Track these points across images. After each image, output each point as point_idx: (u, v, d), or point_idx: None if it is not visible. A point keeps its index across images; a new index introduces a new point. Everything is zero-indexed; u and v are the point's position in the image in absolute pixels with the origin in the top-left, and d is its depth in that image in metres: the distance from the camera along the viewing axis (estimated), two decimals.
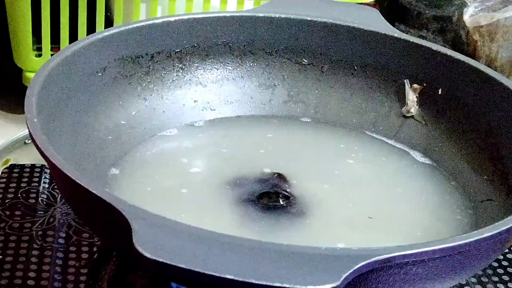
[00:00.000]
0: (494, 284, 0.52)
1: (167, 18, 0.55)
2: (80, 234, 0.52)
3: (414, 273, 0.36)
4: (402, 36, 0.58)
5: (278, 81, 0.60)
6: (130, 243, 0.32)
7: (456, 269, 0.39)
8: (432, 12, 0.77)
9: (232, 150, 0.54)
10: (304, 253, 0.34)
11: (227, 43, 0.58)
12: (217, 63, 0.58)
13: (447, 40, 0.77)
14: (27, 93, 0.44)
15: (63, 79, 0.48)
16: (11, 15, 0.65)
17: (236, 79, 0.59)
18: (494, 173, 0.51)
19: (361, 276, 0.34)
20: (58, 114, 0.47)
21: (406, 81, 0.57)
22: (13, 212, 0.54)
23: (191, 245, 0.33)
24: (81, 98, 0.50)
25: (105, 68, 0.52)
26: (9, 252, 0.50)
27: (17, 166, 0.59)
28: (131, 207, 0.35)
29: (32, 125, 0.41)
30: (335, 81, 0.59)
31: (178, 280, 0.35)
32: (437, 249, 0.36)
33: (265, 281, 0.31)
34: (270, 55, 0.59)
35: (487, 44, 0.74)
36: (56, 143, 0.42)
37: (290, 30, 0.58)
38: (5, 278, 0.48)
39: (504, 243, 0.41)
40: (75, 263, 0.50)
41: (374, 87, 0.59)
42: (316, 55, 0.59)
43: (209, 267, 0.31)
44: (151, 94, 0.56)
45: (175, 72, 0.57)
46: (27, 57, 0.66)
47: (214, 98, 0.58)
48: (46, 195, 0.56)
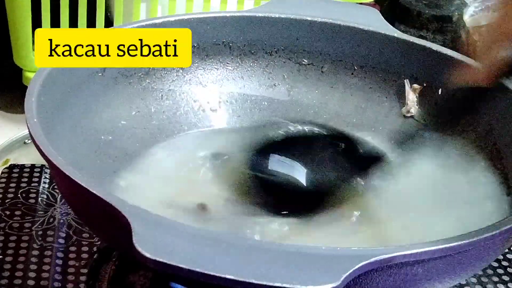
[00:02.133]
0: (494, 284, 0.52)
1: (167, 18, 0.55)
2: (80, 234, 0.52)
3: (414, 273, 0.36)
4: (402, 36, 0.58)
5: (278, 81, 0.60)
6: (130, 243, 0.32)
7: (456, 269, 0.39)
8: (432, 12, 0.77)
9: (232, 150, 0.54)
10: (304, 253, 0.34)
11: (227, 43, 0.58)
12: (217, 63, 0.58)
13: (447, 40, 0.77)
14: (27, 93, 0.44)
15: (63, 79, 0.48)
16: (11, 15, 0.65)
17: (236, 79, 0.59)
18: (494, 173, 0.51)
19: (361, 276, 0.34)
20: (58, 114, 0.47)
21: (406, 81, 0.57)
22: (13, 212, 0.54)
23: (191, 245, 0.33)
24: (81, 98, 0.50)
25: (105, 68, 0.52)
26: (9, 252, 0.50)
27: (17, 166, 0.59)
28: (131, 207, 0.35)
29: (32, 125, 0.41)
30: (335, 81, 0.59)
31: (178, 280, 0.35)
32: (437, 249, 0.36)
33: (265, 281, 0.31)
34: (270, 55, 0.59)
35: None
36: (56, 143, 0.42)
37: (290, 30, 0.58)
38: (5, 278, 0.48)
39: (504, 243, 0.41)
40: (75, 263, 0.50)
41: (374, 87, 0.59)
42: (316, 55, 0.59)
43: (209, 267, 0.32)
44: (151, 94, 0.56)
45: (175, 72, 0.57)
46: (27, 57, 0.66)
47: (214, 98, 0.58)
48: (46, 195, 0.56)
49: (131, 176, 0.51)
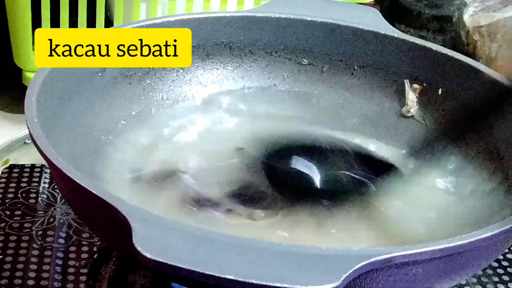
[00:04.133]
0: (494, 284, 0.52)
1: (167, 18, 0.55)
2: (80, 234, 0.52)
3: (414, 273, 0.36)
4: (402, 36, 0.58)
5: (278, 81, 0.60)
6: (130, 243, 0.32)
7: (456, 269, 0.39)
8: (432, 12, 0.77)
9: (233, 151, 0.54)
10: (304, 253, 0.34)
11: (227, 43, 0.58)
12: (217, 63, 0.58)
13: (447, 40, 0.77)
14: (27, 93, 0.44)
15: (63, 79, 0.48)
16: (11, 15, 0.65)
17: (236, 79, 0.59)
18: (494, 172, 0.51)
19: (361, 276, 0.34)
20: (58, 114, 0.47)
21: (406, 81, 0.57)
22: (13, 212, 0.54)
23: (191, 245, 0.33)
24: (81, 98, 0.50)
25: (105, 68, 0.52)
26: (9, 252, 0.50)
27: (17, 166, 0.59)
28: (131, 207, 0.35)
29: (32, 125, 0.41)
30: (335, 81, 0.59)
31: (178, 280, 0.35)
32: (437, 249, 0.36)
33: (265, 281, 0.31)
34: (270, 55, 0.59)
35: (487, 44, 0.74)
36: (56, 143, 0.42)
37: (290, 30, 0.58)
38: (5, 278, 0.48)
39: (504, 243, 0.41)
40: (75, 263, 0.50)
41: (374, 87, 0.59)
42: (316, 55, 0.59)
43: (209, 267, 0.32)
44: (151, 94, 0.56)
45: (175, 72, 0.57)
46: (27, 57, 0.66)
47: (214, 98, 0.58)
48: (46, 195, 0.56)
49: (131, 176, 0.51)
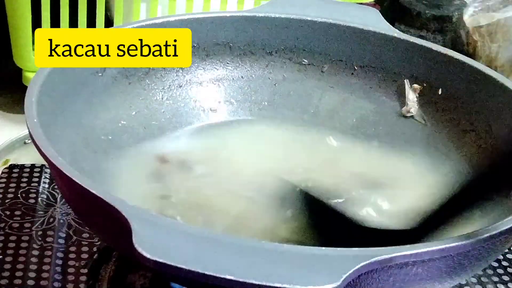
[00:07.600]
0: (494, 284, 0.52)
1: (167, 18, 0.55)
2: (80, 234, 0.52)
3: (414, 273, 0.36)
4: (402, 36, 0.58)
5: (278, 81, 0.60)
6: (130, 243, 0.32)
7: (456, 269, 0.38)
8: (432, 12, 0.77)
9: (232, 151, 0.54)
10: (304, 253, 0.34)
11: (227, 43, 0.58)
12: (217, 63, 0.58)
13: (447, 40, 0.77)
14: (27, 93, 0.44)
15: (63, 79, 0.48)
16: (11, 15, 0.65)
17: (236, 79, 0.59)
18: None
19: (361, 277, 0.34)
20: (58, 114, 0.47)
21: (406, 81, 0.57)
22: (13, 212, 0.54)
23: (191, 245, 0.33)
24: (81, 98, 0.50)
25: (105, 68, 0.52)
26: (9, 252, 0.50)
27: (17, 166, 0.59)
28: (131, 207, 0.35)
29: (32, 125, 0.41)
30: (335, 81, 0.59)
31: (178, 280, 0.35)
32: (437, 249, 0.36)
33: (265, 281, 0.31)
34: (270, 55, 0.59)
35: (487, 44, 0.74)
36: (56, 143, 0.42)
37: (290, 30, 0.58)
38: (5, 278, 0.48)
39: (504, 243, 0.41)
40: (75, 263, 0.50)
41: (374, 87, 0.59)
42: (316, 55, 0.59)
43: (209, 267, 0.32)
44: (151, 94, 0.56)
45: (175, 72, 0.57)
46: (27, 57, 0.66)
47: (214, 98, 0.58)
48: (46, 195, 0.56)
49: (131, 176, 0.51)
